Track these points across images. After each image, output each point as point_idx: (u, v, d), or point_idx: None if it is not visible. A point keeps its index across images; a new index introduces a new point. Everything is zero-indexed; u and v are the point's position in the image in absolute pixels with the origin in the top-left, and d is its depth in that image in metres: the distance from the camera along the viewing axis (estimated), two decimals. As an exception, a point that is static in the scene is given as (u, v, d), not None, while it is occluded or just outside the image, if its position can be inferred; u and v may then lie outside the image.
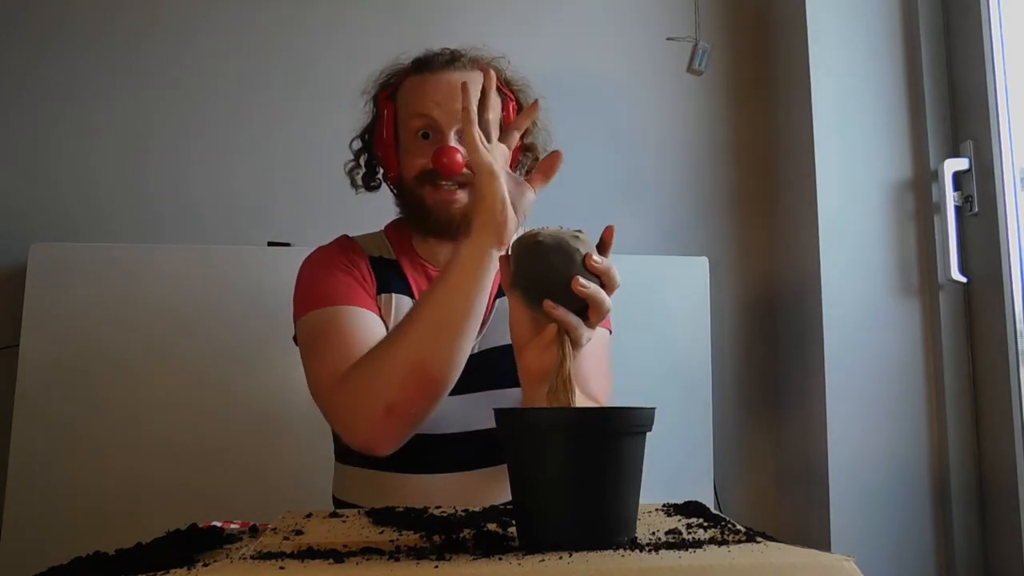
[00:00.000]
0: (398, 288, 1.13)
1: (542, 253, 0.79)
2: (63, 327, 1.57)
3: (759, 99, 1.90)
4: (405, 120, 1.13)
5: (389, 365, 0.93)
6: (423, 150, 1.10)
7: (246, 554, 0.60)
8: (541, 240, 0.79)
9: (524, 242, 0.81)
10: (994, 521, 1.52)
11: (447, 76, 1.11)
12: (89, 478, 1.53)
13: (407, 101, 1.13)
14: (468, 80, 1.07)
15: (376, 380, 0.93)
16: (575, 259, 0.79)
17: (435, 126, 1.10)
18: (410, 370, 0.92)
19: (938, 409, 1.60)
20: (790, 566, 0.55)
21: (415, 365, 0.92)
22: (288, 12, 1.82)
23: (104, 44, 1.77)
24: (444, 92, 1.09)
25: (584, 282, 0.79)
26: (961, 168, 1.58)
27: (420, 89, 1.12)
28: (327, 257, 1.14)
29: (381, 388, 0.93)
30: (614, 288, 0.82)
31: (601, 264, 0.80)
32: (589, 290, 0.79)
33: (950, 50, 1.66)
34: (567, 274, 0.79)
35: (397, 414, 0.94)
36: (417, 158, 1.10)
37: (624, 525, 0.62)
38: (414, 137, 1.11)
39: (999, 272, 1.50)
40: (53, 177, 1.73)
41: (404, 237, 1.20)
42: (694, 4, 1.90)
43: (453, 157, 1.04)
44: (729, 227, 1.87)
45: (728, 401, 1.81)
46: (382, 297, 1.12)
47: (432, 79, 1.11)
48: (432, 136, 1.10)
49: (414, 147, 1.11)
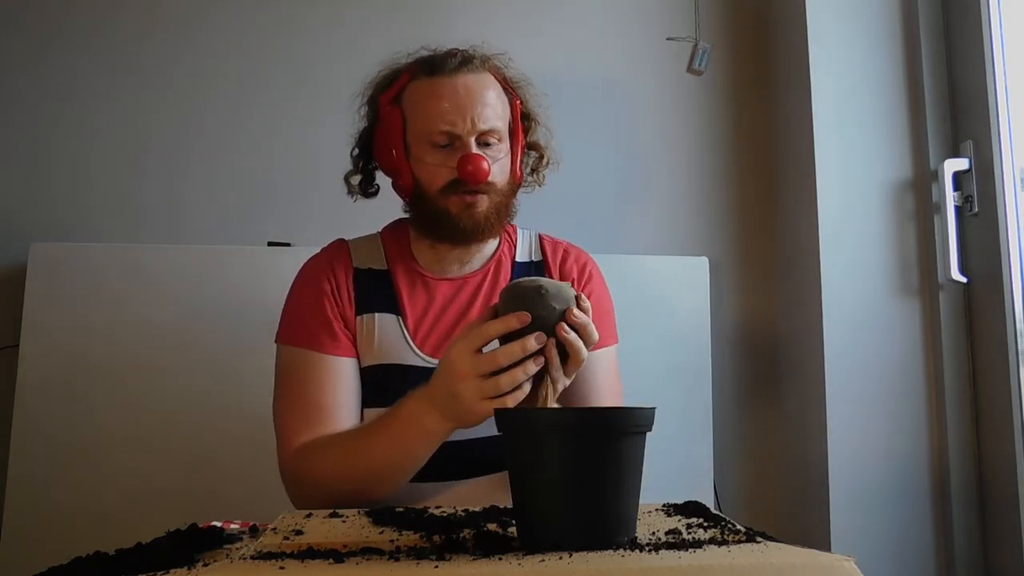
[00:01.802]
0: (381, 306, 1.10)
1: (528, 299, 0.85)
2: (63, 327, 1.57)
3: (759, 99, 1.90)
4: (418, 127, 1.09)
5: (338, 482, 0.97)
6: (443, 159, 1.07)
7: (246, 554, 0.60)
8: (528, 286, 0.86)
9: (512, 289, 0.88)
10: (994, 521, 1.52)
11: (461, 79, 1.08)
12: (89, 478, 1.53)
13: (418, 106, 1.09)
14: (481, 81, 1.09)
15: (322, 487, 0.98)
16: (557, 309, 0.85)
17: (454, 134, 1.07)
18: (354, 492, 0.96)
19: (938, 409, 1.60)
20: (790, 566, 0.55)
21: (360, 490, 0.97)
22: (288, 12, 1.82)
23: (104, 44, 1.77)
24: (461, 97, 1.07)
25: (568, 328, 0.85)
26: (961, 168, 1.58)
27: (433, 94, 1.08)
28: (314, 277, 1.12)
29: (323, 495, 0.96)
30: (591, 342, 0.88)
31: (580, 319, 0.86)
32: (570, 337, 0.85)
33: (950, 50, 1.66)
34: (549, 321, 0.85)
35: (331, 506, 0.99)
36: (439, 168, 1.08)
37: (624, 525, 0.62)
38: (430, 146, 1.08)
39: (999, 272, 1.50)
40: (53, 177, 1.73)
41: (402, 243, 1.17)
42: (694, 4, 1.90)
43: (479, 165, 1.04)
44: (729, 227, 1.87)
45: (728, 401, 1.81)
46: (362, 319, 1.09)
47: (447, 84, 1.08)
48: (452, 144, 1.08)
49: (433, 156, 1.08)
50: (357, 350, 1.09)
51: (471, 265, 1.17)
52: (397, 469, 0.97)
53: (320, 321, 1.08)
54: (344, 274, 1.12)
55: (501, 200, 1.11)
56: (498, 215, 1.11)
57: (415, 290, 1.13)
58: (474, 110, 1.06)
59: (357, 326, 1.09)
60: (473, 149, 1.06)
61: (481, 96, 1.08)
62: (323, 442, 1.01)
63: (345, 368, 1.07)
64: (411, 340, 1.09)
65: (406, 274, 1.14)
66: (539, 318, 0.84)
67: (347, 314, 1.10)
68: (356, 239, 1.19)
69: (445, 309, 1.13)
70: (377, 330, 1.09)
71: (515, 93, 1.15)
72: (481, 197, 1.08)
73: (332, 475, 0.98)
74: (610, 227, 1.82)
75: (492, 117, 1.08)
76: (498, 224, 1.12)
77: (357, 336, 1.09)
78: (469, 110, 1.06)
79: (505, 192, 1.12)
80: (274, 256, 1.63)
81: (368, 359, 1.09)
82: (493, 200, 1.10)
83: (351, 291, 1.11)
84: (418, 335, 1.10)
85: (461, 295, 1.14)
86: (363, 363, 1.09)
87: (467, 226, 1.09)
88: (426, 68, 1.10)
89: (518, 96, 1.16)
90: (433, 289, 1.14)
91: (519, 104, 1.15)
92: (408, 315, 1.11)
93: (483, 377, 0.86)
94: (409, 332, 1.10)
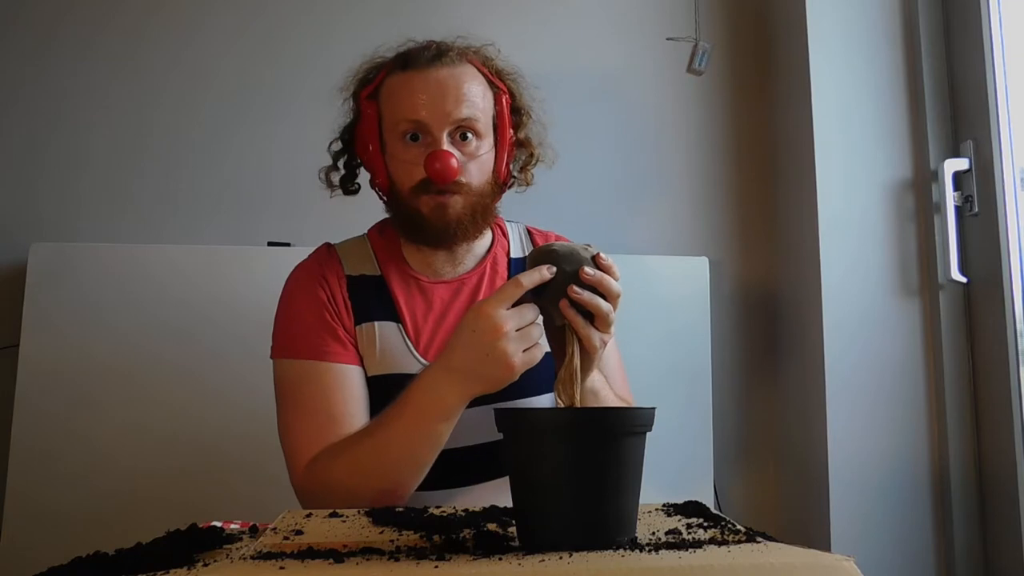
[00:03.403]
0: (380, 314, 1.06)
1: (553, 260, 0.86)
2: (63, 327, 1.57)
3: (759, 99, 1.90)
4: (390, 122, 1.05)
5: (362, 489, 0.93)
6: (414, 156, 1.03)
7: (246, 554, 0.60)
8: (551, 249, 0.87)
9: (536, 251, 0.88)
10: (994, 521, 1.52)
11: (435, 73, 1.03)
12: (89, 478, 1.53)
13: (391, 101, 1.05)
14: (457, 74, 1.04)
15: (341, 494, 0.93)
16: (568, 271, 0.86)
17: (424, 128, 1.02)
18: (379, 494, 0.92)
19: (938, 409, 1.60)
20: (790, 566, 0.55)
21: (386, 490, 0.93)
22: (287, 11, 1.82)
23: (103, 44, 1.77)
24: (433, 91, 1.02)
25: (578, 289, 0.84)
26: (961, 168, 1.58)
27: (406, 88, 1.04)
28: (306, 287, 1.07)
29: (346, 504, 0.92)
30: (612, 296, 0.86)
31: (593, 275, 0.85)
32: (583, 296, 0.84)
33: (950, 50, 1.66)
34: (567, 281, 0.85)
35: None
36: (410, 166, 1.03)
37: (624, 525, 0.62)
38: (402, 141, 1.04)
39: (999, 272, 1.50)
40: (53, 177, 1.73)
41: (392, 245, 1.13)
42: (694, 4, 1.90)
43: (447, 162, 0.99)
44: (729, 227, 1.87)
45: (728, 401, 1.81)
46: (362, 328, 1.05)
47: (419, 77, 1.03)
48: (422, 139, 1.03)
49: (404, 153, 1.04)
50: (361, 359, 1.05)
51: (465, 265, 1.13)
52: (418, 457, 0.93)
53: (320, 330, 1.04)
54: (337, 282, 1.07)
55: (478, 200, 1.06)
56: (474, 217, 1.06)
57: (412, 295, 1.09)
58: (446, 101, 1.01)
59: (358, 336, 1.05)
60: (444, 145, 1.02)
61: (456, 88, 1.03)
62: (333, 448, 0.96)
63: (352, 376, 1.03)
64: (413, 348, 1.06)
65: (400, 279, 1.10)
66: (553, 283, 0.85)
67: (346, 324, 1.05)
68: (343, 243, 1.15)
69: (444, 314, 1.09)
70: (379, 339, 1.05)
71: (503, 86, 1.10)
72: (453, 197, 1.03)
73: (350, 480, 0.93)
74: (610, 227, 1.82)
75: (468, 109, 1.03)
76: (473, 226, 1.07)
77: (358, 346, 1.05)
78: (441, 102, 1.01)
79: (483, 192, 1.07)
80: (274, 256, 1.62)
81: (371, 370, 1.05)
82: (468, 200, 1.05)
83: (347, 300, 1.06)
84: (420, 343, 1.06)
85: (459, 298, 1.10)
86: (369, 373, 1.05)
87: (438, 228, 1.04)
88: (400, 62, 1.06)
89: (506, 89, 1.10)
90: (430, 293, 1.10)
91: (507, 98, 1.10)
92: (407, 322, 1.07)
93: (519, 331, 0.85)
94: (411, 339, 1.06)
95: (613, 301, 0.86)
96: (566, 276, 0.85)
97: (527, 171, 1.18)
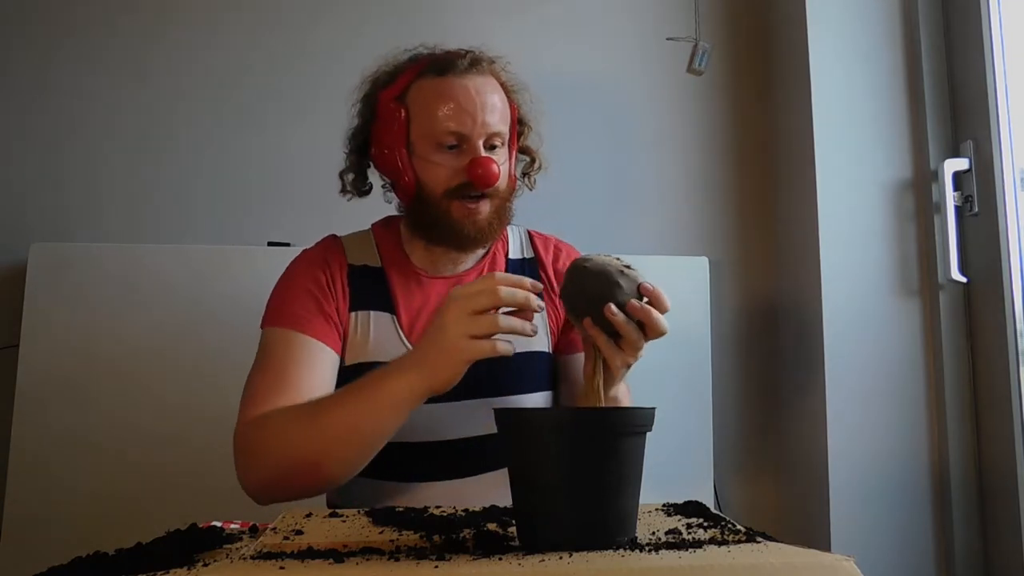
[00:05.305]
0: (377, 304, 1.09)
1: (583, 276, 0.86)
2: (63, 327, 1.57)
3: (759, 99, 1.90)
4: (425, 126, 1.06)
5: (290, 449, 0.91)
6: (450, 161, 1.06)
7: (246, 554, 0.60)
8: (586, 265, 0.86)
9: (575, 263, 0.89)
10: (994, 521, 1.52)
11: (472, 81, 1.07)
12: (89, 478, 1.53)
13: (427, 106, 1.06)
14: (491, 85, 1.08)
15: (272, 455, 0.92)
16: (614, 290, 0.85)
17: (462, 137, 1.05)
18: (305, 464, 0.91)
19: (938, 409, 1.60)
20: (790, 566, 0.55)
21: (312, 462, 0.91)
22: (290, 16, 1.82)
23: (105, 45, 1.77)
24: (473, 99, 1.05)
25: (615, 309, 0.84)
26: (961, 168, 1.58)
27: (444, 95, 1.06)
28: (306, 267, 1.11)
29: (271, 464, 0.92)
30: (656, 332, 0.88)
31: (641, 309, 0.86)
32: (618, 318, 0.85)
33: (950, 50, 1.66)
34: (602, 299, 0.85)
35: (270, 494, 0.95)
36: (445, 170, 1.06)
37: (624, 525, 0.62)
38: (437, 147, 1.06)
39: (999, 272, 1.50)
40: (53, 177, 1.73)
41: (394, 241, 1.16)
42: (694, 4, 1.90)
43: (489, 168, 1.03)
44: (729, 227, 1.87)
45: (728, 401, 1.81)
46: (357, 315, 1.08)
47: (458, 84, 1.06)
48: (460, 146, 1.06)
49: (440, 157, 1.06)
50: (347, 346, 1.07)
51: (465, 264, 1.16)
52: (355, 439, 0.91)
53: (310, 306, 1.06)
54: (339, 269, 1.11)
55: (501, 204, 1.11)
56: (499, 219, 1.11)
57: (409, 289, 1.12)
58: (484, 112, 1.05)
59: (351, 322, 1.08)
60: (482, 152, 1.05)
61: (489, 99, 1.07)
62: (280, 411, 0.96)
63: (326, 357, 1.04)
64: (405, 339, 1.08)
65: (400, 272, 1.13)
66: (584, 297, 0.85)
67: (341, 308, 1.08)
68: (349, 235, 1.18)
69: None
70: (372, 328, 1.08)
71: (511, 98, 1.15)
72: (484, 203, 1.07)
73: (284, 443, 0.92)
74: (610, 227, 1.82)
75: (498, 121, 1.08)
76: (498, 228, 1.12)
77: (350, 332, 1.08)
78: (480, 112, 1.05)
79: (504, 196, 1.12)
80: (274, 256, 1.62)
81: (361, 356, 1.07)
82: (494, 205, 1.09)
83: (346, 287, 1.10)
84: (412, 334, 1.09)
85: None
86: (355, 360, 1.07)
87: (469, 232, 1.08)
88: (436, 67, 1.08)
89: (514, 101, 1.15)
90: (428, 288, 1.13)
91: (513, 110, 1.14)
92: (402, 314, 1.10)
93: (474, 314, 0.84)
94: (404, 331, 1.09)
95: (654, 336, 0.87)
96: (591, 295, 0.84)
97: (530, 177, 1.23)
